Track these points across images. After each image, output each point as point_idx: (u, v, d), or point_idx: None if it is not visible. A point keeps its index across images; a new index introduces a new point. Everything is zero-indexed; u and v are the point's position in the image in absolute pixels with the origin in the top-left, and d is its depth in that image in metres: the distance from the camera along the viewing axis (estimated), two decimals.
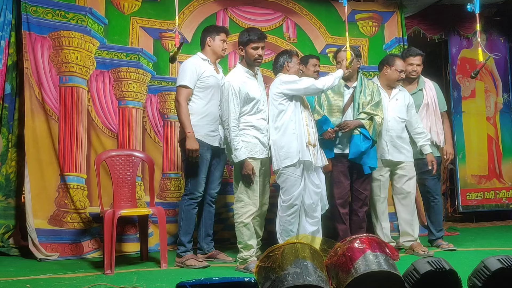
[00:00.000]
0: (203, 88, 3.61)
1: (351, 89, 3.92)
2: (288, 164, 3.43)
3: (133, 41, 4.44)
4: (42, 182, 3.98)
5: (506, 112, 6.07)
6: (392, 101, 3.99)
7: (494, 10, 5.87)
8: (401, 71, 3.97)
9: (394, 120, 3.96)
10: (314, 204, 3.54)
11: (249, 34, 3.51)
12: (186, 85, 3.55)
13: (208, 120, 3.63)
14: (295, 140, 3.45)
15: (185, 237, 3.57)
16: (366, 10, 5.24)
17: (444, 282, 2.23)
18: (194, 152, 3.46)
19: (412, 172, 3.99)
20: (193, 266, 3.45)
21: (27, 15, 4.02)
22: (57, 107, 4.08)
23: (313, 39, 5.04)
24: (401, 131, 3.98)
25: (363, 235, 2.45)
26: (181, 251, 3.57)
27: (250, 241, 3.43)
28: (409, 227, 3.95)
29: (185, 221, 3.57)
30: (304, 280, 2.10)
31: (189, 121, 3.50)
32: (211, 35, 3.70)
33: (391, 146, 3.95)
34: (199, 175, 3.57)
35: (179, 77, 3.63)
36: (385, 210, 4.02)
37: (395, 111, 3.96)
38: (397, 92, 4.03)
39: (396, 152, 3.95)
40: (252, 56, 3.49)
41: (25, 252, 3.91)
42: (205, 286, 2.01)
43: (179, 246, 3.60)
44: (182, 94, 3.54)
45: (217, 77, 3.69)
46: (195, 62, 3.64)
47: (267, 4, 4.94)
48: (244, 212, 3.44)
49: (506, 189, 5.92)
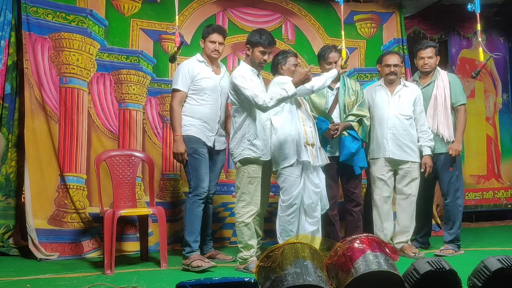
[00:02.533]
0: (196, 90, 3.63)
1: (334, 90, 3.92)
2: (285, 165, 3.44)
3: (133, 43, 4.44)
4: (42, 182, 3.98)
5: (505, 112, 6.08)
6: (394, 98, 3.94)
7: (494, 10, 5.87)
8: (389, 65, 3.93)
9: (395, 117, 3.89)
10: (313, 204, 3.53)
11: (260, 36, 3.47)
12: (178, 89, 3.61)
13: (202, 121, 3.63)
14: (291, 141, 3.45)
15: (191, 236, 3.49)
16: (365, 11, 5.22)
17: (444, 282, 2.23)
18: (180, 155, 3.54)
19: (416, 173, 3.90)
20: (200, 267, 3.34)
21: (27, 15, 4.02)
22: (57, 107, 4.09)
23: (311, 41, 5.04)
24: (404, 128, 3.88)
25: (363, 235, 2.46)
26: (186, 252, 3.48)
27: (251, 241, 3.43)
28: (404, 229, 3.93)
29: (190, 220, 3.51)
30: (304, 280, 2.10)
31: (179, 125, 3.57)
32: (203, 36, 3.75)
33: (392, 143, 3.88)
34: (201, 170, 3.54)
35: (173, 80, 3.71)
36: (389, 210, 3.95)
37: (396, 108, 3.90)
38: (401, 88, 3.97)
39: (398, 150, 3.88)
40: (257, 58, 3.49)
41: (25, 252, 3.91)
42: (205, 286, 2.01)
43: (185, 247, 3.51)
44: (175, 98, 3.62)
45: (214, 79, 3.67)
46: (189, 64, 3.67)
47: (266, 5, 4.94)
48: (245, 212, 3.43)
49: (505, 189, 5.93)
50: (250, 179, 3.44)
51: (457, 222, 3.93)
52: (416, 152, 3.91)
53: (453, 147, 3.90)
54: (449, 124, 3.93)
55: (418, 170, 3.91)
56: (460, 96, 4.01)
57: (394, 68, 3.94)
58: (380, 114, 3.96)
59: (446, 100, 3.94)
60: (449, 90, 3.96)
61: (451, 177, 3.96)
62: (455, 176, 3.97)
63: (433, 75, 4.05)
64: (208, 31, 3.72)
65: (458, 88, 4.03)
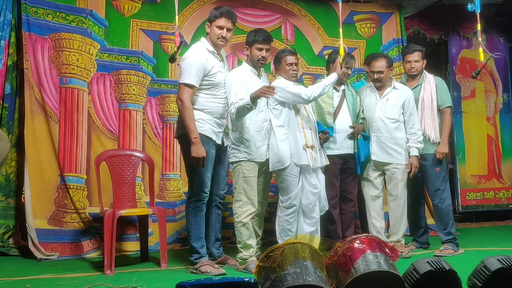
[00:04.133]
0: (209, 85, 3.34)
1: (340, 91, 3.96)
2: (279, 168, 3.46)
3: (133, 44, 4.44)
4: (42, 182, 3.99)
5: (506, 112, 6.07)
6: (382, 101, 3.98)
7: (494, 10, 5.86)
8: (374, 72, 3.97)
9: (380, 120, 3.95)
10: (311, 205, 3.53)
11: (255, 34, 3.50)
12: (191, 84, 3.23)
13: (214, 116, 3.38)
14: (287, 144, 3.46)
15: (197, 242, 3.31)
16: (364, 11, 5.23)
17: (444, 282, 2.23)
18: (202, 159, 3.18)
19: (401, 175, 3.91)
20: (209, 273, 3.20)
21: (28, 16, 4.03)
22: (57, 107, 4.09)
23: (311, 41, 5.04)
24: (389, 131, 3.92)
25: (363, 235, 2.45)
26: (194, 259, 3.31)
27: (249, 241, 3.42)
28: (393, 229, 3.97)
29: (194, 226, 3.32)
30: (304, 280, 2.10)
31: (194, 125, 3.20)
32: (209, 20, 3.40)
33: (376, 146, 3.94)
34: (205, 174, 3.30)
35: (184, 72, 3.25)
36: (379, 209, 3.98)
37: (382, 111, 3.95)
38: (390, 91, 3.98)
39: (382, 153, 3.93)
40: (255, 56, 3.48)
41: (25, 252, 3.92)
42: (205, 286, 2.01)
43: (192, 254, 3.33)
44: (186, 93, 3.22)
45: (223, 72, 3.43)
46: (202, 57, 3.28)
47: (266, 6, 4.94)
48: (242, 212, 3.44)
49: (506, 189, 5.92)
50: (245, 178, 3.44)
51: (450, 221, 3.95)
52: (403, 154, 3.92)
53: (439, 150, 3.96)
54: (435, 126, 3.99)
55: (403, 172, 3.92)
56: (446, 99, 4.06)
57: (378, 75, 3.97)
58: (368, 117, 4.04)
59: (433, 102, 4.00)
60: (436, 92, 4.02)
61: (437, 178, 3.99)
62: (441, 177, 4.01)
63: (420, 78, 4.10)
64: (216, 14, 3.35)
65: (444, 90, 4.09)
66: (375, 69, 3.99)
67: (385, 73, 3.98)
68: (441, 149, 3.96)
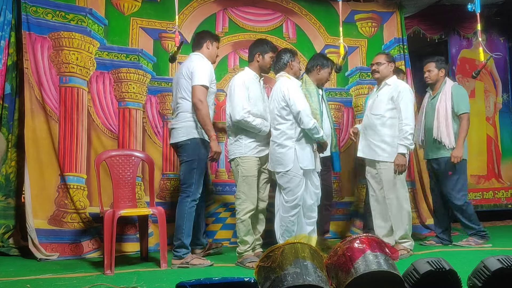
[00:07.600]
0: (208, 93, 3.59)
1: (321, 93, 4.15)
2: (280, 170, 3.49)
3: (133, 42, 4.44)
4: (42, 182, 3.98)
5: (505, 112, 6.08)
6: (373, 97, 4.03)
7: (494, 10, 5.87)
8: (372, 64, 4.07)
9: (366, 116, 4.03)
10: (314, 205, 3.58)
11: (268, 44, 3.78)
12: (207, 85, 3.53)
13: None
14: (289, 150, 3.48)
15: (188, 239, 3.54)
16: (365, 10, 5.24)
17: (444, 282, 2.23)
18: (219, 155, 3.53)
19: (386, 174, 3.80)
20: (201, 265, 3.47)
21: (27, 15, 4.02)
22: (57, 107, 4.08)
23: (312, 40, 5.05)
24: (373, 127, 3.88)
25: (363, 235, 2.46)
26: (183, 253, 3.51)
27: (246, 237, 3.53)
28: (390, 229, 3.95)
29: (188, 223, 3.53)
30: (304, 280, 2.10)
31: (211, 123, 3.53)
32: (210, 39, 3.76)
33: (362, 142, 4.00)
34: (201, 177, 3.59)
35: (198, 75, 3.49)
36: (380, 209, 3.95)
37: (370, 107, 4.01)
38: (382, 87, 3.95)
39: (367, 149, 3.95)
40: (268, 63, 3.74)
41: (25, 252, 3.91)
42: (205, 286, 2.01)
43: (180, 249, 3.51)
44: (203, 93, 3.49)
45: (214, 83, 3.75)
46: (211, 66, 3.67)
47: (267, 5, 4.94)
48: (242, 209, 3.54)
49: (505, 189, 5.93)
50: (244, 177, 3.56)
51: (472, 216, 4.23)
52: (388, 151, 3.81)
53: (454, 153, 4.10)
54: (449, 133, 4.15)
55: (389, 171, 3.79)
56: (462, 106, 4.20)
57: (375, 66, 4.01)
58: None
59: (447, 111, 4.17)
60: (451, 101, 4.18)
61: (451, 180, 4.18)
62: (455, 180, 4.18)
63: (440, 87, 4.28)
64: (218, 38, 3.87)
65: (460, 98, 4.22)
66: (374, 61, 4.06)
67: (384, 66, 3.96)
68: (456, 153, 4.10)
